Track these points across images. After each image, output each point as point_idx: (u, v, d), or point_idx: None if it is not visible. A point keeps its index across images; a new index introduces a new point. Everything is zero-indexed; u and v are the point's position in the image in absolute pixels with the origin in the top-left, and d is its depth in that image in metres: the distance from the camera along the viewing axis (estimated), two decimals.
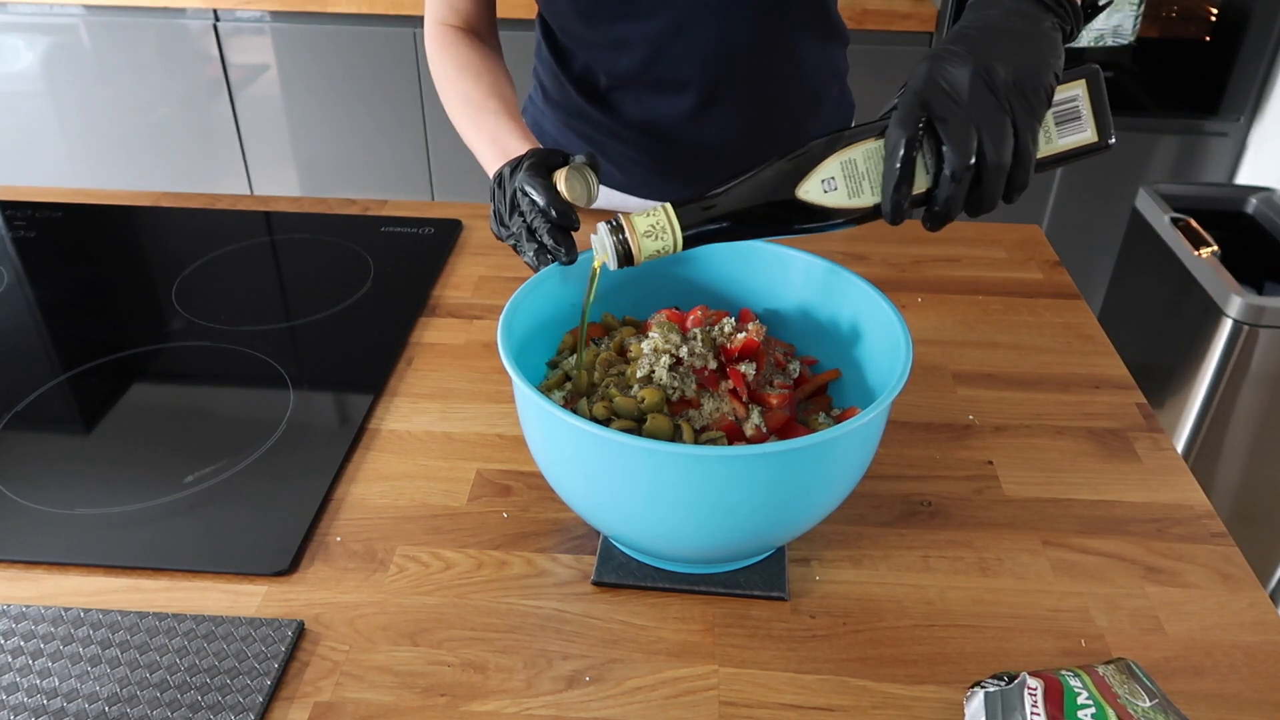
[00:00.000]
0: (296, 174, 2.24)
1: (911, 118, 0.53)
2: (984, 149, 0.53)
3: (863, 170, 0.56)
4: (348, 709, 0.56)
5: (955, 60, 0.54)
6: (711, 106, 0.95)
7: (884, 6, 1.87)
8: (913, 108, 0.53)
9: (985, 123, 0.53)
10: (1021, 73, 0.54)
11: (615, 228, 0.57)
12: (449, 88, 0.93)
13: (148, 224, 1.09)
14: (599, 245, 0.58)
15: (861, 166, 0.56)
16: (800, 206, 0.56)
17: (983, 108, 0.53)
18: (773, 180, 0.56)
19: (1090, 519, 0.69)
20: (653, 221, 0.56)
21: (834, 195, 0.56)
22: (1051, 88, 0.55)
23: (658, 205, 0.57)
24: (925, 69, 0.55)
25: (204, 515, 0.68)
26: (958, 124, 0.53)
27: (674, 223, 0.56)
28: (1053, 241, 1.08)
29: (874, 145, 0.56)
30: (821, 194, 0.56)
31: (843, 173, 0.56)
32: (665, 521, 0.56)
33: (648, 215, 0.56)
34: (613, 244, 0.57)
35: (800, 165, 0.56)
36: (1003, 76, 0.53)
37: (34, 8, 2.06)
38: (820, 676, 0.58)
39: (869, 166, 0.56)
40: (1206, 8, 1.95)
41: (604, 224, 0.57)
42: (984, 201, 0.55)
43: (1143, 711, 0.49)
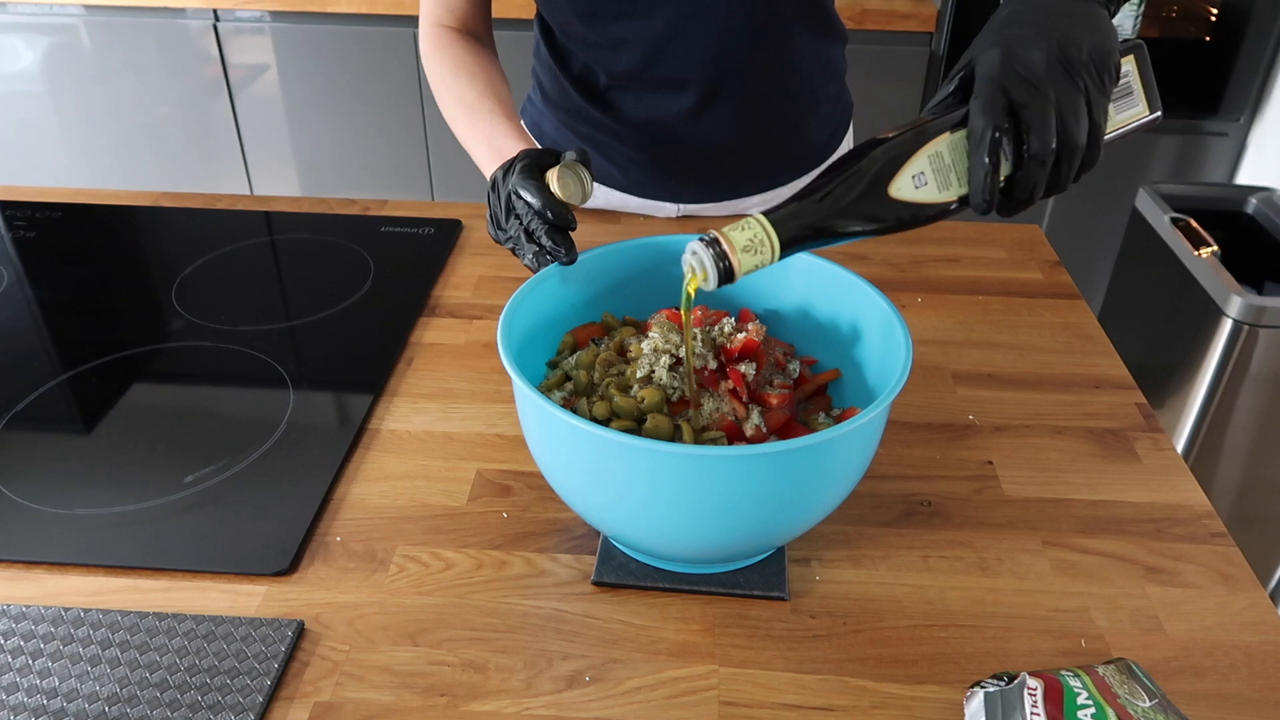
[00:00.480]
0: (296, 174, 2.24)
1: (995, 105, 0.53)
2: (1064, 131, 0.53)
3: (949, 162, 0.55)
4: (348, 709, 0.56)
5: (1028, 44, 0.54)
6: (711, 105, 0.95)
7: (884, 6, 1.87)
8: (995, 94, 0.53)
9: (1064, 104, 0.53)
10: (1093, 52, 0.54)
11: (710, 243, 0.54)
12: (444, 89, 0.93)
13: (148, 224, 1.09)
14: (695, 265, 0.55)
15: (948, 159, 0.55)
16: (894, 205, 0.55)
17: (1061, 89, 0.53)
18: (864, 181, 0.54)
19: (1090, 519, 0.69)
20: (750, 235, 0.54)
21: (925, 190, 0.55)
22: (1119, 65, 0.56)
23: (749, 218, 0.55)
24: (998, 54, 0.54)
25: (204, 515, 0.68)
26: (1039, 109, 0.53)
27: (771, 235, 0.54)
28: (1053, 241, 1.08)
29: (957, 136, 0.55)
30: (913, 190, 0.55)
31: (931, 166, 0.55)
32: (665, 521, 0.56)
33: (743, 229, 0.54)
34: (712, 261, 0.54)
35: (890, 163, 0.55)
36: (1077, 57, 0.54)
37: (34, 8, 2.06)
38: (820, 676, 0.58)
39: (955, 158, 0.55)
40: (1206, 8, 1.95)
41: (698, 242, 0.55)
42: (1060, 182, 0.55)
43: (1143, 712, 0.49)
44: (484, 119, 0.87)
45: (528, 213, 0.69)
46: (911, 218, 0.56)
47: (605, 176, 1.05)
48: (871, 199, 0.54)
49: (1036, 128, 0.53)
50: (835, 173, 0.55)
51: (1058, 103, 0.53)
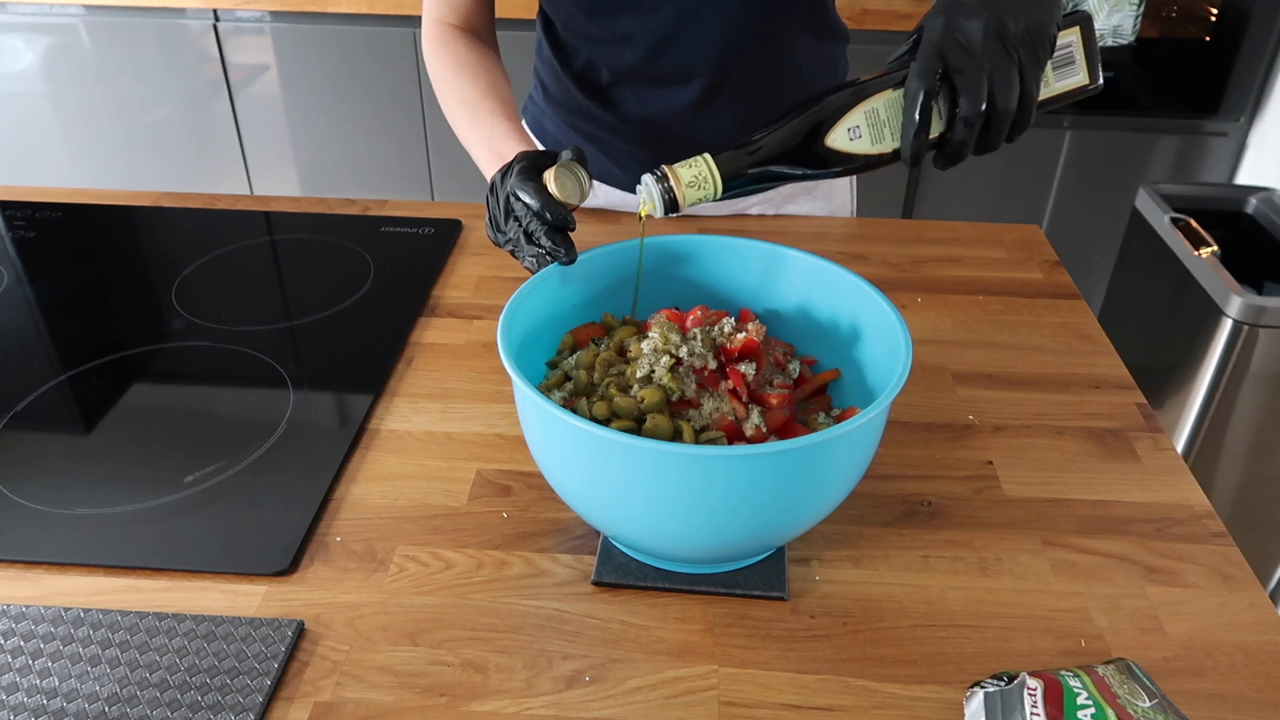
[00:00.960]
0: (296, 174, 2.24)
1: (930, 70, 0.58)
2: (994, 97, 0.58)
3: (884, 119, 0.60)
4: (348, 709, 0.56)
5: (969, 14, 0.59)
6: (712, 103, 0.95)
7: (884, 6, 1.87)
8: (931, 60, 0.58)
9: (996, 73, 0.58)
10: (1029, 25, 0.59)
11: (660, 177, 0.60)
12: (446, 89, 0.93)
13: (148, 224, 1.09)
14: (645, 195, 0.62)
15: (883, 115, 0.60)
16: (829, 154, 0.60)
17: (994, 59, 0.58)
18: (802, 130, 0.60)
19: (1090, 519, 0.69)
20: (695, 172, 0.60)
21: (859, 143, 0.60)
22: (1054, 38, 0.61)
23: (698, 156, 0.61)
24: (941, 22, 0.59)
25: (204, 515, 0.68)
26: (972, 75, 0.58)
27: (714, 172, 0.60)
28: (1053, 241, 1.08)
29: (894, 95, 0.60)
30: (848, 141, 0.60)
31: (866, 121, 0.60)
32: (665, 521, 0.56)
33: (690, 166, 0.60)
34: (659, 193, 0.61)
35: (828, 115, 0.60)
36: (1013, 29, 0.58)
37: (34, 8, 2.06)
38: (820, 676, 0.58)
39: (890, 115, 0.60)
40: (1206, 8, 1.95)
41: (649, 175, 0.61)
42: (991, 143, 0.61)
43: (1142, 712, 0.49)
44: (485, 119, 0.87)
45: (526, 214, 0.69)
46: (843, 166, 0.61)
47: (606, 175, 1.05)
48: (807, 146, 0.60)
49: (968, 92, 0.58)
50: (778, 121, 0.61)
51: (990, 70, 0.58)
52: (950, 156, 0.61)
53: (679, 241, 0.72)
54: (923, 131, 0.59)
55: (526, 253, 0.70)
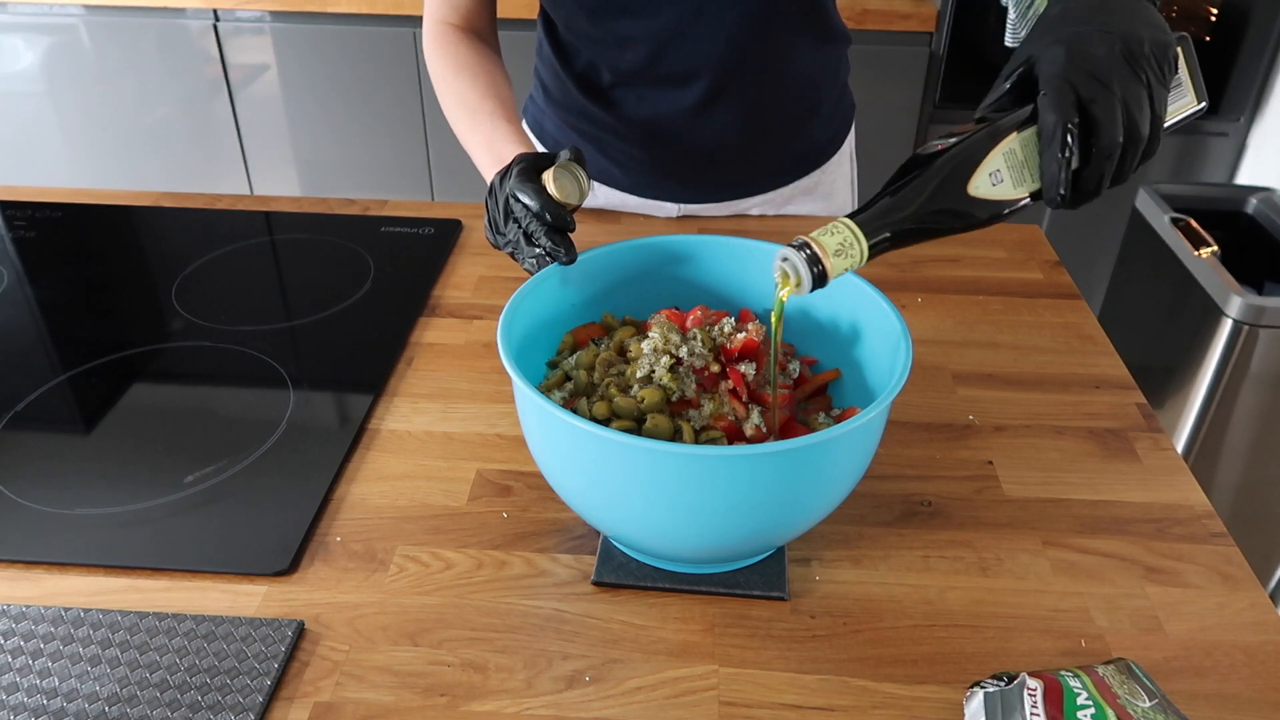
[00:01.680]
0: (296, 174, 2.24)
1: (1065, 101, 0.55)
2: (1130, 123, 0.55)
3: (1022, 159, 0.57)
4: (348, 709, 0.56)
5: (1092, 40, 0.56)
6: (714, 104, 0.95)
7: (884, 6, 1.87)
8: (1063, 91, 0.55)
9: (1129, 98, 0.55)
10: (1154, 46, 0.56)
11: (801, 247, 0.55)
12: (446, 90, 0.93)
13: (148, 224, 1.09)
14: (789, 270, 0.56)
15: (1020, 155, 0.57)
16: (973, 202, 0.57)
17: (1126, 84, 0.55)
18: (943, 182, 0.56)
19: (1090, 519, 0.69)
20: (840, 240, 0.55)
21: (1001, 187, 0.57)
22: (1176, 57, 0.58)
23: (836, 222, 0.56)
24: (1064, 51, 0.56)
25: (204, 515, 0.68)
26: (1106, 103, 0.54)
27: (860, 237, 0.55)
28: (1053, 241, 1.08)
29: (1027, 133, 0.57)
30: (990, 188, 0.57)
31: (1006, 164, 0.57)
32: (665, 521, 0.56)
33: (832, 234, 0.55)
34: (806, 265, 0.55)
35: (965, 163, 0.56)
36: (1139, 52, 0.55)
37: (34, 8, 2.06)
38: (820, 676, 0.58)
39: (1027, 155, 0.57)
40: (1206, 8, 1.95)
41: (790, 249, 0.56)
42: (1125, 173, 0.57)
43: (1142, 712, 0.49)
44: (485, 121, 0.87)
45: (526, 215, 0.69)
46: (989, 215, 0.57)
47: (606, 176, 1.05)
48: (952, 198, 0.56)
49: (1105, 122, 0.55)
50: (912, 175, 0.56)
51: (1123, 97, 0.55)
52: (1086, 193, 0.57)
53: (679, 241, 0.72)
54: (1066, 167, 0.56)
55: (526, 254, 0.70)
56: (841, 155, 1.09)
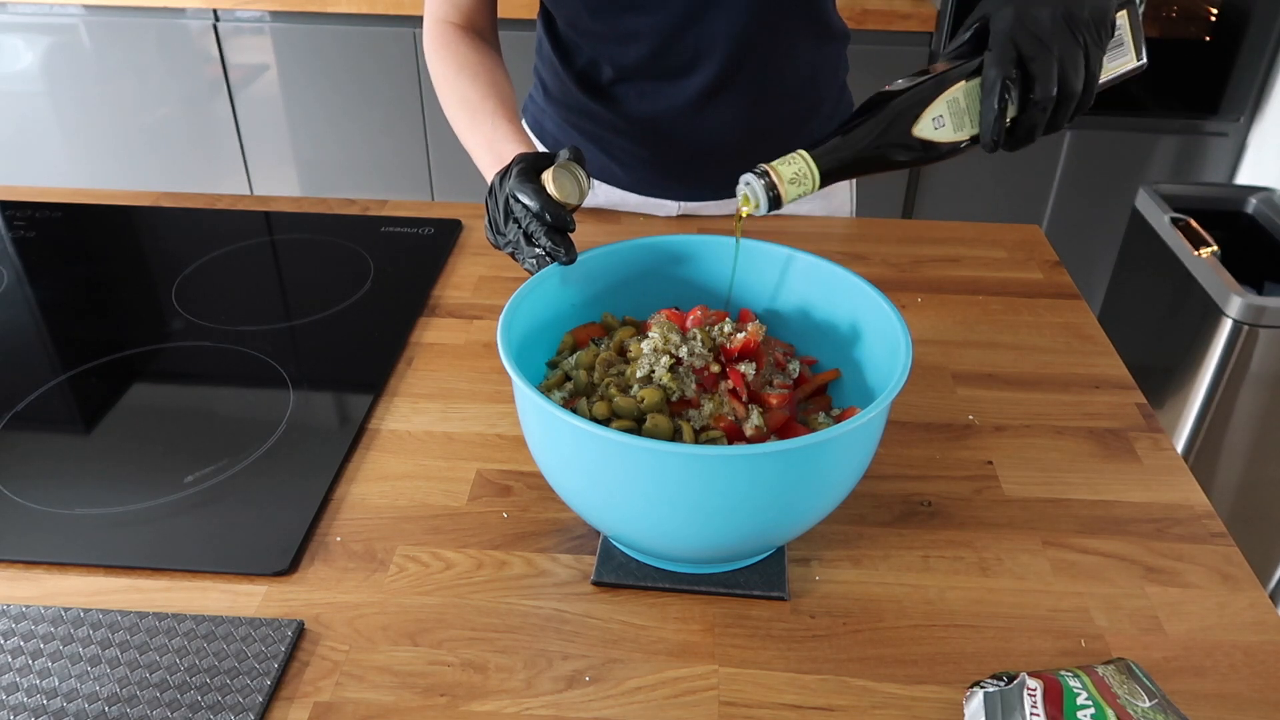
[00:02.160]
0: (296, 174, 2.24)
1: (1006, 58, 0.62)
2: (1064, 81, 0.62)
3: (964, 106, 0.64)
4: (348, 709, 0.56)
5: (1038, 2, 0.62)
6: (714, 102, 0.95)
7: (884, 6, 1.87)
8: (1006, 48, 0.62)
9: (1065, 58, 0.62)
10: (1094, 12, 0.63)
11: (761, 174, 0.62)
12: (447, 89, 0.93)
13: (148, 224, 1.09)
14: (748, 193, 0.63)
15: (963, 103, 0.63)
16: (916, 144, 0.63)
17: (1063, 45, 0.62)
18: (891, 122, 0.63)
19: (1090, 519, 0.69)
20: (795, 169, 0.62)
21: (943, 131, 0.64)
22: (1115, 23, 0.64)
23: (794, 153, 0.62)
24: (1011, 12, 0.62)
25: (204, 515, 0.68)
26: (1044, 61, 0.61)
27: (813, 167, 0.62)
28: (1053, 241, 1.08)
29: (971, 84, 0.63)
30: (933, 130, 0.63)
31: (949, 110, 0.63)
32: (665, 521, 0.56)
33: (789, 163, 0.62)
34: (763, 189, 0.62)
35: (912, 107, 0.63)
36: (1079, 15, 0.62)
37: (34, 8, 2.06)
38: (820, 676, 0.58)
39: (969, 103, 0.64)
40: (1206, 8, 1.95)
41: (749, 174, 0.63)
42: (1057, 124, 0.65)
43: (1142, 712, 0.49)
44: (485, 121, 0.87)
45: (525, 215, 0.69)
46: (932, 154, 0.64)
47: (606, 174, 1.05)
48: (898, 137, 0.63)
49: (1041, 78, 0.62)
50: (865, 114, 0.63)
51: (1060, 56, 0.62)
52: (1021, 139, 0.64)
53: (679, 241, 0.72)
54: (1002, 117, 0.62)
55: (526, 254, 0.70)
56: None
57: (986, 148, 0.64)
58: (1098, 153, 2.02)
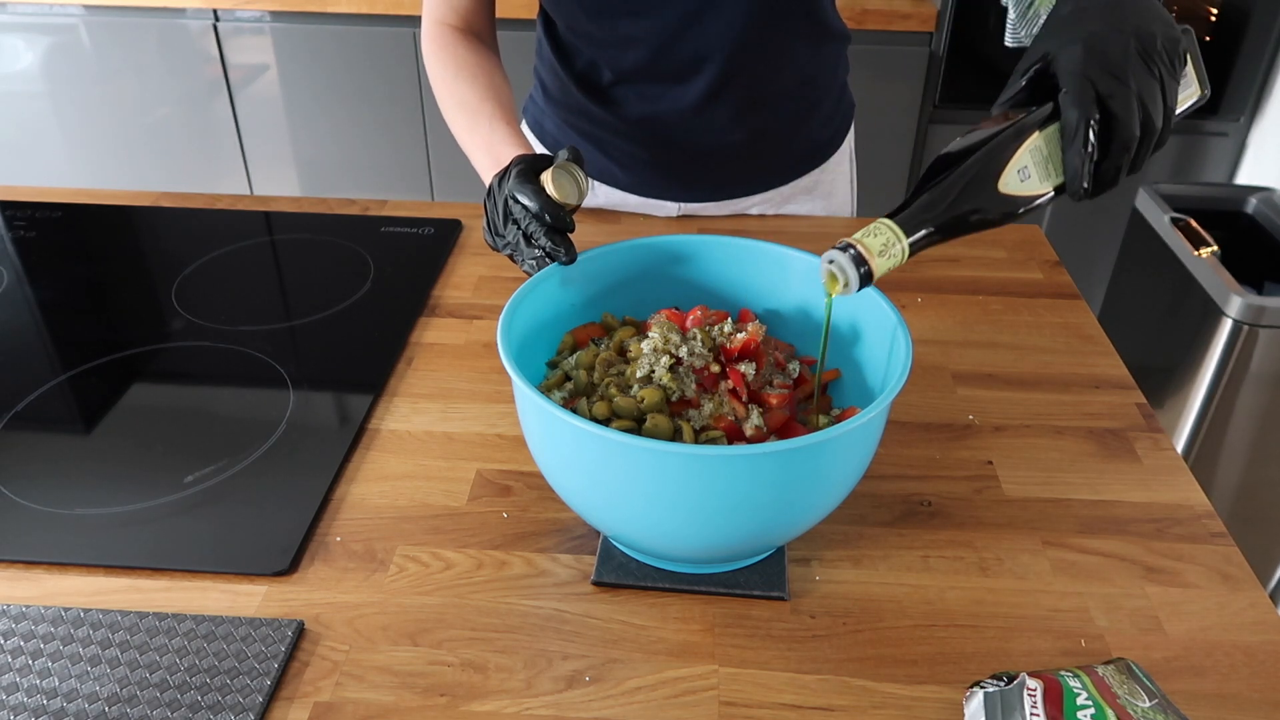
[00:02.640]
0: (296, 174, 2.24)
1: (1085, 98, 0.57)
2: (1145, 116, 0.58)
3: (1046, 155, 0.59)
4: (348, 709, 0.56)
5: (1107, 38, 0.58)
6: (714, 104, 0.95)
7: (884, 6, 1.87)
8: (1084, 88, 0.57)
9: (1145, 92, 0.57)
10: (1166, 42, 0.59)
11: (846, 249, 0.57)
12: (445, 91, 0.93)
13: (148, 224, 1.09)
14: (836, 272, 0.58)
15: (1045, 151, 0.59)
16: (1004, 200, 0.59)
17: (1141, 79, 0.57)
18: (974, 180, 0.58)
19: (1090, 519, 0.69)
20: (884, 240, 0.57)
21: (1029, 183, 0.59)
22: (1185, 52, 0.60)
23: (877, 222, 0.58)
24: (1081, 49, 0.58)
25: (204, 515, 0.68)
26: (1124, 99, 0.57)
27: (901, 237, 0.57)
28: (1053, 241, 1.08)
29: (1051, 130, 0.59)
30: (1019, 184, 0.59)
31: (1032, 160, 0.59)
32: (665, 521, 0.56)
33: (875, 235, 0.57)
34: (853, 266, 0.57)
35: (994, 161, 0.58)
36: (1152, 48, 0.58)
37: (34, 8, 2.06)
38: (820, 676, 0.58)
39: (1051, 150, 0.59)
40: (1206, 8, 1.95)
41: (836, 251, 0.58)
42: (1139, 163, 0.60)
43: (1142, 712, 0.49)
44: (483, 123, 0.87)
45: (525, 216, 0.69)
46: (1020, 209, 0.60)
47: (606, 175, 1.05)
48: (985, 196, 0.58)
49: (1123, 116, 0.57)
50: (937, 177, 0.58)
51: (1139, 91, 0.57)
52: (1107, 183, 0.60)
53: (679, 241, 0.72)
54: (1089, 161, 0.58)
55: (526, 256, 0.70)
56: (841, 154, 1.09)
57: (1074, 196, 0.59)
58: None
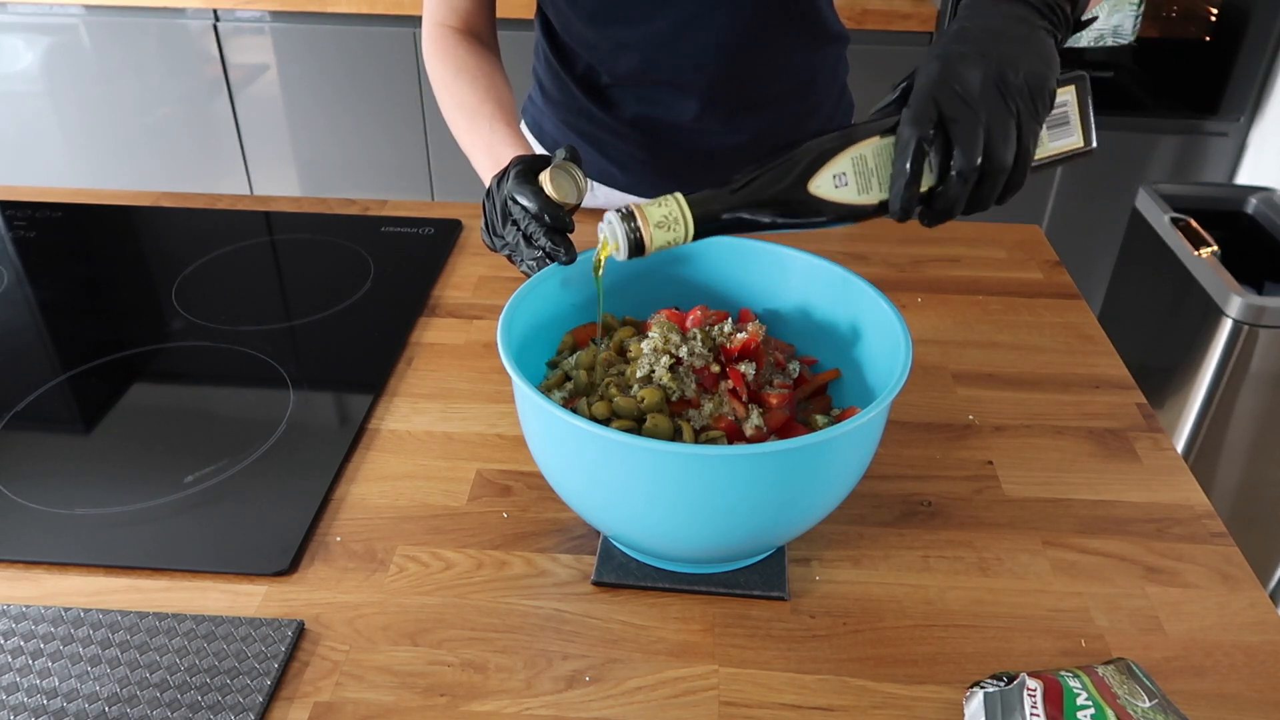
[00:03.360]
0: (296, 174, 2.24)
1: (924, 117, 0.53)
2: (991, 151, 0.53)
3: (872, 166, 0.56)
4: (348, 709, 0.56)
5: (967, 61, 0.54)
6: (712, 107, 0.95)
7: (884, 6, 1.87)
8: (926, 107, 0.54)
9: (993, 125, 0.53)
10: (1030, 78, 0.54)
11: (626, 215, 0.55)
12: (445, 92, 0.93)
13: (148, 224, 1.09)
14: (609, 233, 0.56)
15: (871, 163, 0.56)
16: (811, 201, 0.55)
17: (992, 110, 0.53)
18: (785, 174, 0.55)
19: (1090, 519, 0.69)
20: (665, 212, 0.55)
21: (844, 191, 0.56)
22: (1054, 93, 0.56)
23: (669, 195, 0.56)
24: (936, 68, 0.55)
25: (204, 515, 0.68)
26: (968, 125, 0.53)
27: (686, 214, 0.55)
28: (1053, 241, 1.08)
29: (884, 142, 0.56)
30: (832, 189, 0.55)
31: (853, 168, 0.55)
32: (665, 521, 0.56)
33: (660, 205, 0.55)
34: (624, 232, 0.55)
35: (812, 159, 0.55)
36: (1013, 81, 0.54)
37: (34, 8, 2.06)
38: (820, 676, 0.58)
39: (879, 163, 0.56)
40: (1206, 8, 1.95)
41: (614, 212, 0.56)
42: (982, 201, 0.56)
43: (1142, 712, 0.49)
44: (484, 124, 0.87)
45: (524, 217, 0.69)
46: (826, 216, 0.56)
47: (606, 175, 1.05)
48: (789, 191, 0.55)
49: (963, 144, 0.53)
50: (761, 163, 0.55)
51: (988, 123, 0.53)
52: (939, 213, 0.56)
53: None
54: (914, 183, 0.54)
55: (525, 256, 0.70)
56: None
57: (895, 216, 0.56)
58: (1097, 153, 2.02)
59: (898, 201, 0.55)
